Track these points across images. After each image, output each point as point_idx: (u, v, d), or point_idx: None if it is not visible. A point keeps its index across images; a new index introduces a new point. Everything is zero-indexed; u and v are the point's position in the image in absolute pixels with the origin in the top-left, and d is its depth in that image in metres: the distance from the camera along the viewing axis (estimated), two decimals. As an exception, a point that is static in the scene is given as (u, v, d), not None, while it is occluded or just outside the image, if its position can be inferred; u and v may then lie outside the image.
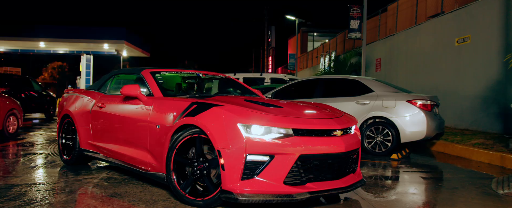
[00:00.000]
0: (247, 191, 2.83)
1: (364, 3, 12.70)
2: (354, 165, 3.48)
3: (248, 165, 2.86)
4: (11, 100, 8.05)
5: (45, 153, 5.86)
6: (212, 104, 3.17)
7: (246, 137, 2.87)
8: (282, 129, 2.95)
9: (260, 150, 2.86)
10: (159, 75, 4.26)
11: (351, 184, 3.26)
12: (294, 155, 2.90)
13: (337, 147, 3.10)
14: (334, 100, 6.72)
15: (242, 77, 12.40)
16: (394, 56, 13.05)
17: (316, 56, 24.24)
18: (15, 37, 24.41)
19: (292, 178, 2.95)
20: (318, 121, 3.19)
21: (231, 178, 2.85)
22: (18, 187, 3.68)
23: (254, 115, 2.99)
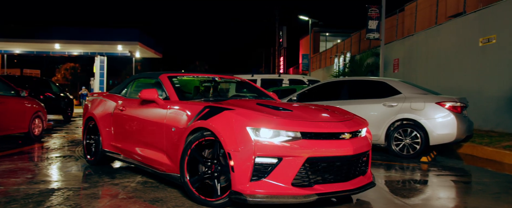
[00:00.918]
0: (255, 192, 2.94)
1: (383, 3, 12.60)
2: (364, 167, 3.53)
3: (257, 167, 2.96)
4: (36, 103, 8.13)
5: (74, 155, 5.90)
6: (223, 107, 3.29)
7: (255, 140, 2.97)
8: (290, 132, 3.04)
9: (268, 153, 2.97)
10: (176, 79, 4.39)
11: (360, 186, 3.31)
12: (302, 157, 3.00)
13: (345, 149, 3.17)
14: (360, 103, 6.66)
15: (260, 78, 12.37)
16: (413, 56, 12.90)
17: (330, 56, 24.11)
18: (32, 39, 24.71)
19: (300, 180, 3.04)
20: (326, 124, 3.26)
21: (240, 179, 2.96)
22: (59, 191, 3.70)
23: (263, 118, 3.09)
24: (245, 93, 5.03)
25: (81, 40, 25.31)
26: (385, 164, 5.74)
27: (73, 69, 53.96)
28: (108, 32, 25.69)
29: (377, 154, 6.69)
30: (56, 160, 5.54)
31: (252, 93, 4.91)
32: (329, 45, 34.26)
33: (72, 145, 7.13)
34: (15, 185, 3.91)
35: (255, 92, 4.90)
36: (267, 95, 4.80)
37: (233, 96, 4.84)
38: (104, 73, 28.88)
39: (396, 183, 4.42)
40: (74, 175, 4.53)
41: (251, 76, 12.67)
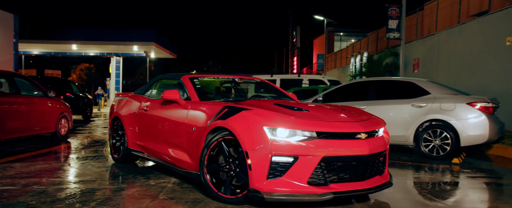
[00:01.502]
0: (272, 190, 3.02)
1: (403, 3, 12.45)
2: (381, 167, 3.57)
3: (273, 166, 3.05)
4: (62, 103, 8.24)
5: (103, 155, 5.95)
6: (241, 107, 3.39)
7: (271, 139, 3.06)
8: (306, 132, 3.12)
9: (284, 152, 3.04)
10: (197, 80, 4.53)
11: (376, 186, 3.34)
12: (317, 156, 3.06)
13: (361, 149, 3.21)
14: (387, 103, 6.59)
15: (280, 78, 12.35)
16: (434, 56, 12.73)
17: (346, 56, 23.95)
18: (50, 40, 25.07)
19: (316, 179, 3.11)
20: (342, 124, 3.31)
21: (257, 177, 3.05)
22: (99, 190, 3.73)
23: (279, 118, 3.17)
24: (264, 93, 5.11)
25: (97, 41, 25.59)
26: (414, 165, 5.66)
27: (88, 70, 54.63)
28: (125, 33, 25.93)
29: (406, 155, 6.61)
30: (86, 159, 5.60)
31: (271, 93, 4.98)
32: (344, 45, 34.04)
33: (99, 145, 7.21)
34: (55, 185, 3.96)
35: (274, 92, 4.97)
36: (286, 95, 4.85)
37: (253, 97, 4.91)
38: (120, 74, 29.17)
39: (426, 185, 4.36)
40: (109, 174, 4.57)
41: (270, 77, 12.66)
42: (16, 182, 4.01)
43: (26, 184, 3.94)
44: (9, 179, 4.17)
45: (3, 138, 6.25)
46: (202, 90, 4.40)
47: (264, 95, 4.99)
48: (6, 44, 13.37)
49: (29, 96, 7.10)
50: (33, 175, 4.42)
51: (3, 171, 4.57)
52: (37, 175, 4.44)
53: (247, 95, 5.33)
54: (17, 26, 13.86)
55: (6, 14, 13.57)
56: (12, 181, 4.05)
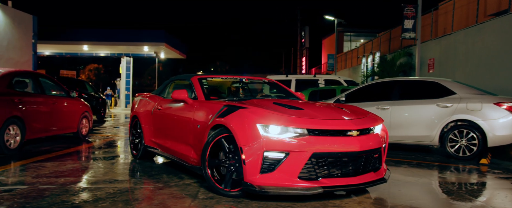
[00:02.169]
0: (264, 183, 3.21)
1: (419, 2, 12.38)
2: (377, 164, 3.71)
3: (265, 161, 3.24)
4: (83, 104, 8.30)
5: (127, 154, 5.98)
6: (239, 106, 3.61)
7: (264, 136, 3.25)
8: (298, 129, 3.29)
9: (276, 147, 3.22)
10: (205, 81, 4.82)
11: (367, 182, 3.46)
12: (307, 152, 3.22)
13: (351, 146, 3.35)
14: (412, 103, 6.55)
15: (295, 79, 12.32)
16: (451, 56, 12.64)
17: (358, 57, 23.85)
18: (61, 40, 25.24)
19: (306, 174, 3.28)
20: (334, 121, 3.47)
21: (251, 171, 3.25)
22: (137, 190, 3.76)
23: (272, 116, 3.37)
24: (274, 93, 5.32)
25: (108, 41, 25.73)
26: (440, 165, 5.63)
27: (97, 70, 54.97)
28: (135, 34, 26.07)
29: (430, 155, 6.58)
30: (114, 158, 5.63)
31: (280, 93, 5.20)
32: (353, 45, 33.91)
33: (120, 144, 7.25)
34: (92, 184, 3.99)
35: (283, 92, 5.18)
36: (294, 95, 5.02)
37: (262, 96, 5.12)
38: (130, 74, 29.29)
39: (452, 185, 4.33)
40: (141, 173, 4.59)
41: (285, 77, 12.65)
42: (54, 181, 4.05)
43: (64, 183, 3.97)
44: (45, 178, 4.21)
45: (30, 137, 6.30)
46: (208, 90, 4.67)
47: (270, 95, 5.23)
48: (26, 45, 13.51)
49: (53, 97, 7.15)
50: (66, 174, 4.46)
51: (37, 170, 4.61)
52: (70, 174, 4.47)
53: (258, 95, 5.46)
54: (36, 27, 13.99)
55: (25, 15, 13.71)
56: (49, 180, 4.09)
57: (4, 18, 12.83)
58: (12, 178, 4.18)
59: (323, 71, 37.16)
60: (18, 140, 5.96)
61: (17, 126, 5.92)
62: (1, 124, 5.56)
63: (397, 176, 4.71)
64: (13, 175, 4.35)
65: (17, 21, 13.32)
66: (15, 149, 5.87)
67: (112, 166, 5.06)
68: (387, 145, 3.92)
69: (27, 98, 6.27)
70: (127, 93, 29.26)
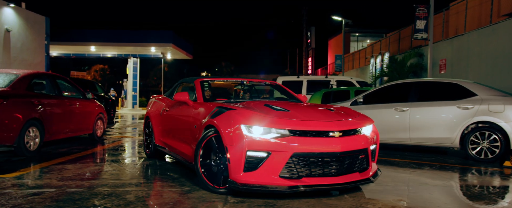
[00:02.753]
0: (247, 181, 3.37)
1: (431, 3, 12.30)
2: (364, 164, 3.80)
3: (249, 159, 3.38)
4: (98, 105, 8.29)
5: (143, 156, 5.95)
6: (228, 108, 3.80)
7: (247, 136, 3.39)
8: (280, 130, 3.43)
9: (259, 147, 3.37)
10: (207, 83, 5.08)
11: (349, 182, 3.56)
12: (288, 152, 3.36)
13: (332, 147, 3.46)
14: (431, 105, 6.49)
15: (306, 80, 12.29)
16: (463, 57, 12.54)
17: (366, 57, 23.75)
18: (69, 41, 25.30)
19: (288, 173, 3.42)
20: (316, 123, 3.58)
21: (235, 170, 3.40)
22: (166, 193, 3.72)
23: (256, 117, 3.51)
24: (278, 95, 5.48)
25: (115, 42, 25.78)
26: (461, 168, 5.56)
27: (103, 71, 55.10)
28: (143, 34, 26.09)
29: (451, 157, 6.51)
30: (134, 161, 5.61)
31: (283, 95, 5.41)
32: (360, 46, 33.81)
33: (136, 146, 7.23)
34: (118, 187, 3.96)
35: (285, 94, 5.38)
36: (295, 97, 5.20)
37: (264, 98, 5.33)
38: (137, 75, 29.35)
39: (473, 188, 4.27)
40: (165, 176, 4.55)
41: (297, 78, 12.62)
42: (80, 184, 4.02)
43: (90, 186, 3.95)
44: (71, 181, 4.19)
45: (48, 139, 6.30)
46: (214, 92, 4.93)
47: (267, 96, 5.44)
48: (39, 46, 13.56)
49: (71, 98, 7.15)
50: (90, 176, 4.44)
51: (60, 173, 4.59)
52: (94, 176, 4.45)
53: (262, 96, 5.66)
54: (48, 28, 14.03)
55: (38, 17, 13.77)
56: (76, 183, 4.06)
57: (18, 20, 12.91)
58: (38, 181, 4.16)
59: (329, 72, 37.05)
60: (37, 142, 5.96)
61: (36, 127, 5.91)
62: (22, 125, 5.55)
63: (424, 179, 4.66)
64: (39, 178, 4.33)
65: (31, 23, 13.39)
66: (34, 150, 5.87)
67: (134, 168, 5.04)
68: (378, 146, 4.03)
69: (45, 100, 6.26)
70: (134, 94, 29.32)
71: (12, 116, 5.44)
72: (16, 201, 3.36)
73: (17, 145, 5.52)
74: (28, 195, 3.56)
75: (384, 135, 6.82)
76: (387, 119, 6.82)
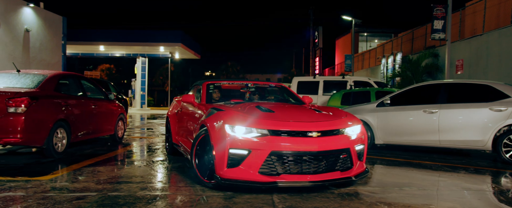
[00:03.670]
0: (229, 176, 3.65)
1: (449, 3, 12.17)
2: (348, 163, 3.94)
3: (231, 157, 3.64)
4: (119, 106, 8.22)
5: (175, 158, 5.88)
6: (218, 109, 4.12)
7: (230, 135, 3.66)
8: (260, 129, 3.67)
9: (240, 146, 3.62)
10: (213, 86, 5.41)
11: (327, 180, 3.75)
12: (266, 150, 3.59)
13: (310, 146, 3.65)
14: (461, 107, 6.37)
15: (323, 80, 12.19)
16: (482, 57, 12.39)
17: (377, 57, 23.60)
18: (78, 41, 25.29)
19: (267, 169, 3.65)
20: (297, 123, 3.79)
21: (219, 166, 3.70)
22: (210, 198, 3.63)
23: (239, 118, 3.78)
24: (275, 97, 5.75)
25: (124, 42, 25.75)
26: (494, 171, 5.44)
27: (109, 70, 55.18)
28: (152, 34, 26.05)
29: (480, 160, 6.40)
30: (163, 162, 5.52)
31: (285, 97, 5.67)
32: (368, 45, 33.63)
33: (159, 147, 7.16)
34: (161, 191, 3.89)
35: (290, 96, 5.64)
36: (299, 99, 5.45)
37: (269, 100, 5.56)
38: (145, 74, 29.34)
39: (508, 192, 4.16)
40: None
41: (313, 78, 12.52)
42: (119, 188, 3.95)
43: (130, 190, 3.87)
44: (109, 184, 4.12)
45: (74, 140, 6.24)
46: (216, 95, 5.30)
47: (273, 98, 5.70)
48: (56, 46, 13.53)
49: (95, 99, 7.09)
50: (126, 179, 4.37)
51: (95, 176, 4.53)
52: (130, 179, 4.38)
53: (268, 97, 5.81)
54: (65, 28, 14.00)
55: (56, 17, 13.76)
56: (114, 187, 3.99)
57: (37, 20, 12.92)
58: (76, 184, 4.09)
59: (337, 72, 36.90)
60: (65, 143, 5.90)
61: (64, 129, 5.86)
62: (51, 127, 5.49)
63: (464, 183, 4.55)
64: (75, 181, 4.26)
65: (48, 23, 13.39)
66: (62, 152, 5.81)
67: (167, 171, 4.96)
68: (365, 146, 4.15)
69: (71, 101, 6.20)
70: (142, 94, 29.30)
71: (42, 117, 5.39)
72: (62, 205, 3.29)
73: (46, 146, 5.46)
74: (71, 199, 3.49)
75: (412, 137, 6.71)
76: (415, 121, 6.72)
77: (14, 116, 5.07)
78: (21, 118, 5.09)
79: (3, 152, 6.30)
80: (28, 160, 5.51)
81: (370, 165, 5.73)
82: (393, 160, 6.24)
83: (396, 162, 6.06)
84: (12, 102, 5.08)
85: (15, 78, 5.82)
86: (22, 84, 5.67)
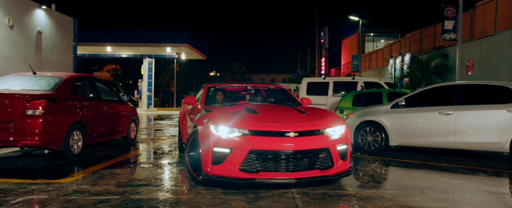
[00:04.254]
0: (213, 172, 3.94)
1: (460, 3, 12.08)
2: (328, 162, 4.09)
3: (215, 155, 3.92)
4: (132, 107, 8.23)
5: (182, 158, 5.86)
6: (208, 110, 4.52)
7: (214, 134, 3.95)
8: (241, 130, 3.94)
9: (223, 144, 3.90)
10: (213, 88, 5.81)
11: (304, 177, 3.94)
12: (246, 149, 3.84)
13: (287, 145, 3.88)
14: (478, 108, 6.31)
15: (333, 81, 12.12)
16: (493, 58, 12.29)
17: (385, 57, 23.50)
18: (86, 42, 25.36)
19: (247, 167, 3.89)
20: (274, 124, 4.04)
21: (205, 163, 3.99)
22: (235, 201, 3.62)
23: (222, 119, 4.07)
24: (273, 99, 6.02)
25: (131, 42, 25.79)
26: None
27: (114, 71, 55.37)
28: (159, 35, 26.08)
29: (500, 162, 6.33)
30: (178, 164, 5.50)
31: (283, 99, 5.93)
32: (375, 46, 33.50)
33: (172, 149, 7.15)
34: (180, 194, 3.87)
35: (287, 97, 5.89)
36: (296, 101, 5.67)
37: (267, 101, 5.84)
38: (152, 75, 29.38)
39: None
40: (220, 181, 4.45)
41: (323, 79, 12.46)
42: (140, 190, 3.94)
43: (151, 192, 3.86)
44: (129, 187, 4.11)
45: (89, 142, 6.25)
46: (220, 96, 5.68)
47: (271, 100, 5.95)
48: (67, 47, 13.59)
49: (109, 101, 7.09)
50: (146, 182, 4.36)
51: (114, 178, 4.52)
52: (150, 182, 4.37)
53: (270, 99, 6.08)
54: (76, 29, 14.05)
55: (67, 18, 13.83)
56: (136, 190, 3.98)
57: (49, 22, 13.01)
58: (97, 187, 4.08)
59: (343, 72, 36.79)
60: (80, 145, 5.91)
61: (79, 131, 5.86)
62: (68, 129, 5.50)
63: (486, 187, 4.50)
64: (95, 183, 4.25)
65: (60, 24, 13.47)
66: (78, 154, 5.82)
67: (183, 173, 4.94)
68: (349, 146, 4.30)
69: (86, 103, 6.21)
70: (149, 95, 29.35)
71: (59, 120, 5.39)
72: (87, 209, 3.28)
73: (63, 149, 5.47)
74: (95, 202, 3.48)
75: (428, 139, 6.66)
76: (430, 122, 6.66)
77: (32, 118, 5.08)
78: (39, 120, 5.09)
79: (18, 153, 6.32)
80: (45, 162, 5.52)
81: (385, 167, 5.70)
82: (408, 162, 6.20)
83: (412, 164, 6.01)
84: (30, 105, 5.09)
85: (32, 81, 5.84)
86: (39, 86, 5.68)
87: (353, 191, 4.10)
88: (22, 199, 3.56)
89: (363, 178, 4.85)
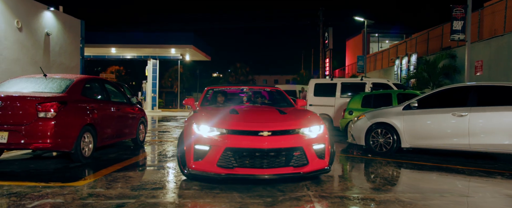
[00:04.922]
0: (195, 168, 4.24)
1: (469, 3, 11.98)
2: (303, 160, 4.25)
3: (196, 152, 4.23)
4: (140, 109, 8.20)
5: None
6: (195, 110, 4.97)
7: (196, 133, 4.29)
8: (220, 129, 4.26)
9: (203, 142, 4.22)
10: (211, 91, 6.20)
11: (276, 174, 4.13)
12: (222, 147, 4.12)
13: (261, 144, 4.10)
14: (493, 110, 6.22)
15: (340, 82, 12.03)
16: (503, 58, 12.18)
17: (391, 58, 23.39)
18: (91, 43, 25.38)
19: (224, 163, 4.14)
20: (250, 124, 4.32)
21: (188, 159, 4.29)
22: (253, 205, 3.56)
23: (204, 119, 4.42)
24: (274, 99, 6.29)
25: (136, 44, 25.78)
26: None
27: (118, 72, 55.47)
28: (163, 36, 26.06)
29: (507, 163, 6.24)
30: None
31: (281, 100, 6.12)
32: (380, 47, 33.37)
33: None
34: (197, 198, 3.81)
35: (282, 99, 6.12)
36: (290, 102, 5.91)
37: (262, 103, 6.12)
38: (156, 76, 29.38)
39: None
40: (234, 184, 4.39)
41: (330, 80, 12.38)
42: (155, 194, 3.89)
43: (166, 196, 3.81)
44: (144, 190, 4.06)
45: (99, 144, 6.21)
46: (221, 98, 6.00)
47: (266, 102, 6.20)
48: (74, 49, 13.58)
49: (118, 103, 7.06)
50: (160, 185, 4.31)
51: (128, 181, 4.47)
52: (163, 186, 4.32)
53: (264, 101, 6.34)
54: (83, 31, 14.05)
55: (74, 20, 13.84)
56: (150, 193, 3.93)
57: (57, 24, 13.02)
58: (111, 190, 4.04)
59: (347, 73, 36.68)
60: (91, 148, 5.87)
61: (90, 133, 5.83)
62: (79, 131, 5.47)
63: (504, 190, 4.42)
64: (109, 187, 4.21)
65: (68, 26, 13.48)
66: (89, 157, 5.79)
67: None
68: (327, 145, 4.45)
69: (97, 105, 6.17)
70: (153, 96, 29.35)
71: (71, 122, 5.36)
72: (104, 214, 3.23)
73: (74, 151, 5.43)
74: (111, 206, 3.43)
75: (441, 141, 6.57)
76: (443, 124, 6.57)
77: (44, 120, 5.05)
78: (51, 122, 5.06)
79: (29, 156, 6.29)
80: (56, 165, 5.49)
81: (398, 169, 5.64)
82: (422, 164, 6.12)
83: (426, 166, 5.93)
84: (41, 108, 5.06)
85: (43, 83, 5.81)
86: (50, 89, 5.65)
87: (371, 194, 4.03)
88: (38, 203, 3.51)
89: (378, 181, 4.78)
